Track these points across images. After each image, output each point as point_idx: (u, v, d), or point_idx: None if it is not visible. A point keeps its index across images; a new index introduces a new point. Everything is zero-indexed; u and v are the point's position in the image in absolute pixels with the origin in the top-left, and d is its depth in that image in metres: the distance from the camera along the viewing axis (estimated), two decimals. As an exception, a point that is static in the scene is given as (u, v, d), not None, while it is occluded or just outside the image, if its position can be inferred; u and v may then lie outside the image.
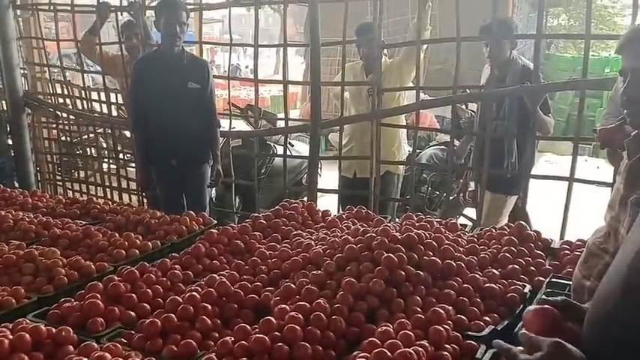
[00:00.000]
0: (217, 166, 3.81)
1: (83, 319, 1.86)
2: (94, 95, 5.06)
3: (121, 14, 4.65)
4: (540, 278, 2.14)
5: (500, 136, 3.69)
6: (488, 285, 2.01)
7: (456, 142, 4.85)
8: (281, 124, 4.92)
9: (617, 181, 1.58)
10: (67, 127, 5.51)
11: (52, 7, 4.96)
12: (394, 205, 4.48)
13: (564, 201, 3.36)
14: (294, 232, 2.60)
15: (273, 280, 2.15)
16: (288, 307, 1.78)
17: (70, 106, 5.20)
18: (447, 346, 1.64)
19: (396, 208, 4.49)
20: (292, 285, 1.97)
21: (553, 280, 2.05)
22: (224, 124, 4.50)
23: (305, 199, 3.99)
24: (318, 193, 4.22)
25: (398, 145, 4.40)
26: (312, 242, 2.37)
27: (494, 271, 2.14)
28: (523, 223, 2.59)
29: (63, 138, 5.62)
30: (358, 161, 4.24)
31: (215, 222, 3.00)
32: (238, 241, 2.53)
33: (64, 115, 5.26)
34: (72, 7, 4.81)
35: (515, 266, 2.20)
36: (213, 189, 4.38)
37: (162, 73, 3.62)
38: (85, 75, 5.12)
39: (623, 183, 1.51)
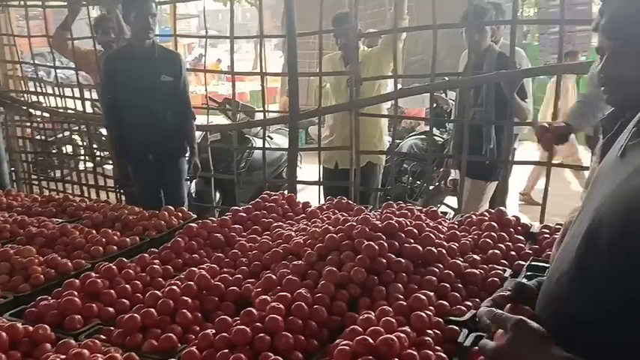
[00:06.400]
0: (194, 159, 3.76)
1: (61, 316, 1.82)
2: (68, 92, 4.97)
3: (93, 8, 4.57)
4: (520, 262, 2.14)
5: (479, 122, 3.71)
6: (469, 270, 2.01)
7: (436, 131, 4.86)
8: (259, 116, 4.88)
9: (593, 161, 1.59)
10: (41, 126, 5.43)
11: (22, 3, 4.86)
12: (376, 195, 4.48)
13: (544, 186, 3.40)
14: (275, 224, 2.58)
15: (253, 272, 2.12)
16: (269, 298, 1.76)
17: (44, 104, 5.10)
18: (429, 331, 1.64)
19: (378, 198, 4.50)
20: (273, 276, 1.95)
21: (533, 263, 2.06)
22: (202, 119, 4.45)
23: (285, 191, 3.96)
24: (300, 186, 4.20)
25: (379, 136, 4.40)
26: (293, 233, 2.35)
27: (475, 256, 2.14)
28: (503, 208, 2.61)
29: (37, 137, 5.52)
30: (340, 152, 4.22)
31: (195, 216, 2.96)
32: (218, 235, 2.50)
33: (38, 112, 5.16)
34: (43, 1, 4.71)
35: (496, 251, 2.20)
36: (193, 183, 4.33)
37: (134, 67, 3.57)
38: (58, 71, 5.03)
39: (598, 162, 1.52)
